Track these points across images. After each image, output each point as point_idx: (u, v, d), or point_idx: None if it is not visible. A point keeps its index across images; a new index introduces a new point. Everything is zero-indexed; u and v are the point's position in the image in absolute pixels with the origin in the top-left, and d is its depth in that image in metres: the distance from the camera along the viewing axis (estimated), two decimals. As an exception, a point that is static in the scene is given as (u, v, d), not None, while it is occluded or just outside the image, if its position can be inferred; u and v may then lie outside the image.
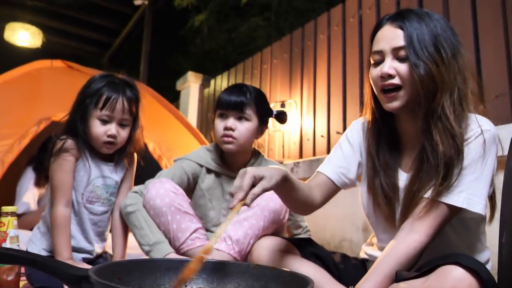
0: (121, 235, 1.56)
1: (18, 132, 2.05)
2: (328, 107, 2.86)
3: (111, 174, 1.55)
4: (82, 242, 1.50)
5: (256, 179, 0.95)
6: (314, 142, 2.93)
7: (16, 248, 1.30)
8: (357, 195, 1.28)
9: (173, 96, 4.82)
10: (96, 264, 1.15)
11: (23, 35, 5.33)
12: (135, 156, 1.64)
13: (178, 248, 1.46)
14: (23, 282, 1.36)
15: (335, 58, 2.88)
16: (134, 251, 1.64)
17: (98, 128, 1.46)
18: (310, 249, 1.23)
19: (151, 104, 2.62)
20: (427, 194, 1.03)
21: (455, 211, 1.03)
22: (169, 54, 6.88)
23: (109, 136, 1.46)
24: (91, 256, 1.53)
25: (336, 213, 2.47)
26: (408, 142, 1.17)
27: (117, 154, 1.56)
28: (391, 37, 1.07)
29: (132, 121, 1.54)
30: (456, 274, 0.87)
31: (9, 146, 2.00)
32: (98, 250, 1.56)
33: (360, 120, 1.28)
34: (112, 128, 1.47)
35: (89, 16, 6.44)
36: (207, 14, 5.47)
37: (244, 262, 1.28)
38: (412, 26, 1.05)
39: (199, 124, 4.57)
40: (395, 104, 1.08)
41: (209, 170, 1.62)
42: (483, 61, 1.96)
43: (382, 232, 1.21)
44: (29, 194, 2.35)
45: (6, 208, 1.34)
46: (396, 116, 1.16)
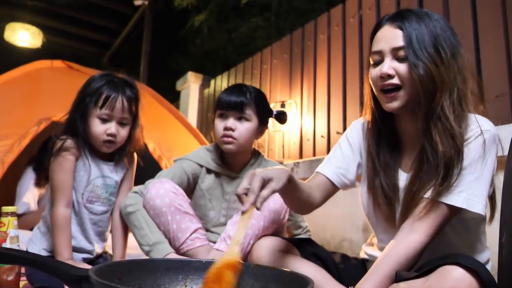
0: (121, 235, 1.56)
1: (18, 132, 2.05)
2: (328, 107, 2.86)
3: (111, 173, 1.55)
4: (83, 242, 1.50)
5: (265, 181, 0.95)
6: (314, 142, 2.93)
7: (16, 248, 1.31)
8: (357, 195, 1.28)
9: (173, 96, 4.82)
10: (96, 264, 1.15)
11: (23, 35, 5.33)
12: (135, 156, 1.64)
13: (178, 248, 1.46)
14: (23, 282, 1.36)
15: (335, 58, 2.88)
16: (134, 251, 1.64)
17: (97, 127, 1.46)
18: (310, 249, 1.23)
19: (151, 104, 2.62)
20: (427, 194, 1.03)
21: (455, 211, 1.03)
22: (169, 54, 6.88)
23: (108, 135, 1.47)
24: (91, 256, 1.53)
25: (336, 213, 2.47)
26: (408, 142, 1.17)
27: (117, 154, 1.56)
28: (390, 37, 1.07)
29: (131, 120, 1.54)
30: (456, 274, 0.87)
31: (9, 146, 2.00)
32: (98, 250, 1.56)
33: (360, 120, 1.28)
34: (112, 127, 1.47)
35: (89, 16, 6.45)
36: (207, 14, 5.47)
37: (244, 262, 1.28)
38: (412, 26, 1.05)
39: (199, 124, 4.57)
40: (394, 104, 1.08)
41: (209, 170, 1.62)
42: (483, 61, 1.96)
43: (382, 232, 1.21)
44: (29, 194, 2.35)
45: (6, 208, 1.34)
46: (396, 116, 1.16)
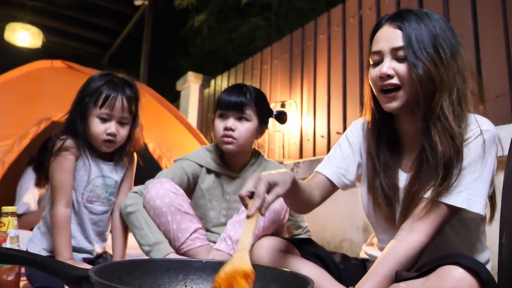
0: (121, 235, 1.56)
1: (19, 132, 2.05)
2: (328, 107, 2.86)
3: (110, 173, 1.55)
4: (83, 242, 1.50)
5: (271, 186, 0.95)
6: (314, 142, 2.93)
7: (16, 248, 1.31)
8: (357, 195, 1.28)
9: (173, 96, 4.82)
10: (96, 264, 1.15)
11: (23, 35, 5.33)
12: (135, 156, 1.64)
13: (178, 248, 1.46)
14: (23, 282, 1.36)
15: (335, 58, 2.88)
16: (134, 251, 1.64)
17: (97, 127, 1.46)
18: (310, 249, 1.23)
19: (151, 104, 2.62)
20: (427, 195, 1.03)
21: (455, 211, 1.03)
22: (169, 55, 6.88)
23: (108, 134, 1.47)
24: (91, 256, 1.53)
25: (336, 213, 2.47)
26: (408, 143, 1.17)
27: (116, 154, 1.56)
28: (390, 37, 1.07)
29: (131, 120, 1.54)
30: (456, 274, 0.87)
31: (10, 146, 2.00)
32: (98, 250, 1.56)
33: (360, 121, 1.28)
34: (112, 127, 1.47)
35: (89, 16, 6.45)
36: (207, 15, 5.47)
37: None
38: (411, 27, 1.05)
39: (199, 124, 4.57)
40: (394, 104, 1.08)
41: (209, 170, 1.62)
42: (483, 61, 1.96)
43: (382, 233, 1.21)
44: (29, 194, 2.35)
45: (6, 208, 1.34)
46: (396, 116, 1.16)
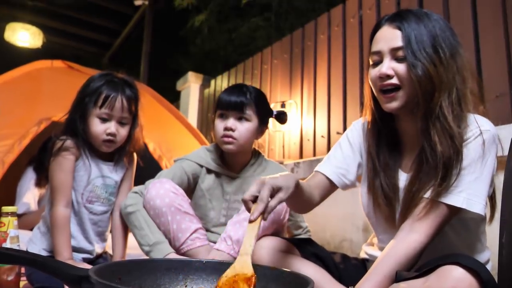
0: (121, 235, 1.56)
1: (19, 132, 2.05)
2: (329, 108, 2.86)
3: (110, 173, 1.55)
4: (82, 242, 1.50)
5: (274, 191, 0.95)
6: (315, 142, 2.93)
7: (16, 248, 1.31)
8: (357, 195, 1.28)
9: (173, 97, 4.82)
10: (96, 264, 1.15)
11: (23, 35, 5.34)
12: (135, 156, 1.64)
13: (178, 248, 1.46)
14: (23, 282, 1.36)
15: (335, 58, 2.88)
16: (134, 251, 1.64)
17: (97, 127, 1.46)
18: (310, 249, 1.23)
19: (151, 104, 2.62)
20: (426, 195, 1.03)
21: (454, 211, 1.03)
22: (169, 55, 6.88)
23: (108, 134, 1.47)
24: (91, 256, 1.53)
25: (337, 213, 2.47)
26: (408, 143, 1.17)
27: (116, 154, 1.56)
28: (389, 37, 1.07)
29: (131, 120, 1.54)
30: (456, 274, 0.87)
31: (10, 146, 2.00)
32: (98, 250, 1.56)
33: (361, 121, 1.28)
34: (112, 126, 1.47)
35: (89, 17, 6.45)
36: (207, 15, 5.47)
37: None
38: (410, 27, 1.05)
39: (199, 124, 4.58)
40: (394, 104, 1.08)
41: (209, 171, 1.62)
42: (483, 61, 1.96)
43: (382, 233, 1.21)
44: (29, 195, 2.35)
45: (6, 208, 1.34)
46: (396, 116, 1.16)
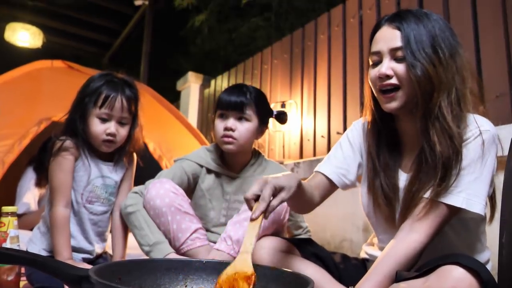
0: (121, 235, 1.56)
1: (19, 132, 2.05)
2: (329, 108, 2.86)
3: (110, 174, 1.55)
4: (82, 242, 1.50)
5: (276, 190, 0.95)
6: (315, 143, 2.93)
7: (16, 248, 1.31)
8: (357, 195, 1.28)
9: (173, 96, 4.82)
10: (96, 264, 1.15)
11: (23, 35, 5.34)
12: (135, 156, 1.64)
13: (178, 248, 1.46)
14: (23, 282, 1.36)
15: (335, 58, 2.88)
16: (134, 251, 1.64)
17: (97, 127, 1.46)
18: (310, 249, 1.23)
19: (151, 104, 2.62)
20: (426, 195, 1.03)
21: (454, 211, 1.03)
22: (170, 55, 6.88)
23: (108, 134, 1.47)
24: (91, 256, 1.53)
25: (337, 213, 2.47)
26: (408, 143, 1.17)
27: (116, 154, 1.56)
28: (389, 38, 1.07)
29: (131, 120, 1.54)
30: (456, 274, 0.87)
31: (10, 146, 2.00)
32: (98, 250, 1.56)
33: (361, 121, 1.28)
34: (111, 127, 1.47)
35: (89, 16, 6.45)
36: (208, 14, 5.47)
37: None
38: (410, 27, 1.05)
39: (199, 124, 4.58)
40: (393, 104, 1.08)
41: (209, 171, 1.62)
42: (483, 61, 1.96)
43: (383, 233, 1.21)
44: (29, 195, 2.35)
45: (6, 208, 1.34)
46: (395, 116, 1.16)
